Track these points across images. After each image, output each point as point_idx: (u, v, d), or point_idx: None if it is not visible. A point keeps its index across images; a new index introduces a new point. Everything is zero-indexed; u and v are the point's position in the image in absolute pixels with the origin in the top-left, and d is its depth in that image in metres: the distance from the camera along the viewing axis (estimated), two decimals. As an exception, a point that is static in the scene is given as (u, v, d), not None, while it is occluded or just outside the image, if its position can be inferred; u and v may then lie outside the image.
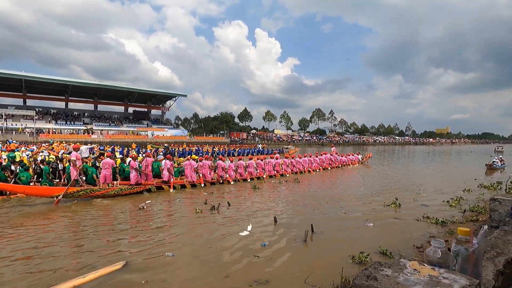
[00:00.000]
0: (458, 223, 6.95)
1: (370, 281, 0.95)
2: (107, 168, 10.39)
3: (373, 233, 6.33)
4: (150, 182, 11.11)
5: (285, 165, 15.95)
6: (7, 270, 4.39)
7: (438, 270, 1.05)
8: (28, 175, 10.11)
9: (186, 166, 12.03)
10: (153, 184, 10.94)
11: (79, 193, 9.09)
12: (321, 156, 19.31)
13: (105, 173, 10.32)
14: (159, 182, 11.30)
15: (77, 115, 58.34)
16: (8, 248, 5.20)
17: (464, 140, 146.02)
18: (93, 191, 9.35)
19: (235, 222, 6.94)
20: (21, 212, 7.81)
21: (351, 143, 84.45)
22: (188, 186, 11.65)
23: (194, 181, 11.90)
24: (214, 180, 12.69)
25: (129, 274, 4.24)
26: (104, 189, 9.71)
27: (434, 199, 9.97)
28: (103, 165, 10.49)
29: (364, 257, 4.76)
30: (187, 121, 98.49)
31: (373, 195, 10.51)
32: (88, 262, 4.64)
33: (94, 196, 9.35)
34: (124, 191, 9.95)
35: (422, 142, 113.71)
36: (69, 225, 6.85)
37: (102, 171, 10.41)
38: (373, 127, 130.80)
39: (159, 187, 10.92)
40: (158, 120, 67.04)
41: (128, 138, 48.88)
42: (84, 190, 9.22)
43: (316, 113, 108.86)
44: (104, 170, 10.36)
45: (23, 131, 42.88)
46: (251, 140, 68.88)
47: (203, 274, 4.32)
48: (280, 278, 4.23)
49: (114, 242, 5.60)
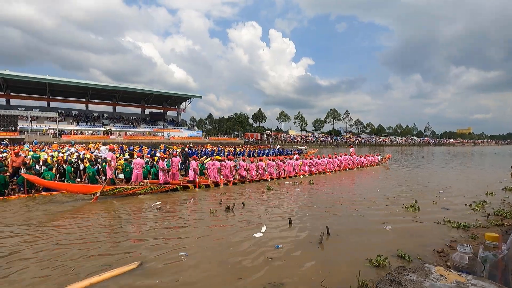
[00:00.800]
0: (482, 228, 6.66)
1: (394, 285, 0.93)
2: (138, 168, 10.93)
3: (391, 236, 6.16)
4: (177, 182, 11.53)
5: (304, 166, 16.11)
6: (33, 266, 4.59)
7: (465, 277, 1.02)
8: (52, 175, 10.54)
9: (209, 166, 12.40)
10: (179, 184, 11.39)
11: (114, 191, 9.68)
12: (340, 157, 19.28)
13: (137, 172, 10.87)
14: (185, 182, 11.74)
15: (96, 116, 60.37)
16: (35, 247, 5.44)
17: (487, 141, 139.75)
18: (126, 190, 9.95)
19: (249, 223, 6.94)
20: (62, 209, 8.19)
21: (367, 144, 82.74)
22: (212, 186, 11.98)
23: (218, 181, 12.24)
24: (236, 180, 12.94)
25: (143, 274, 4.30)
26: (136, 187, 10.24)
27: (456, 202, 9.60)
28: (135, 164, 11.03)
29: (382, 261, 4.65)
30: (202, 122, 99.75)
31: (391, 197, 10.25)
32: (106, 261, 4.74)
33: (127, 194, 9.90)
34: (154, 189, 10.45)
35: (442, 143, 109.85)
36: (94, 224, 7.08)
37: (134, 170, 10.96)
38: (390, 128, 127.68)
39: (185, 186, 11.35)
40: (174, 121, 68.27)
41: (145, 139, 50.06)
42: (118, 188, 9.84)
43: (331, 114, 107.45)
44: (136, 169, 10.91)
45: (47, 132, 44.81)
46: (265, 141, 68.85)
47: (216, 275, 4.33)
48: (295, 280, 4.18)
49: (130, 242, 5.71)
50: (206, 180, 12.34)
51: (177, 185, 11.19)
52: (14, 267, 4.50)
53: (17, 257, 4.88)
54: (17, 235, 5.97)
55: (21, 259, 4.82)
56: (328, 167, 17.61)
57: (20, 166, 10.46)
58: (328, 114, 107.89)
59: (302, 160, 16.57)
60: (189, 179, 11.82)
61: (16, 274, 4.30)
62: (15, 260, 4.77)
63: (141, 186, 10.54)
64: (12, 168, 10.69)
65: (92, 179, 11.09)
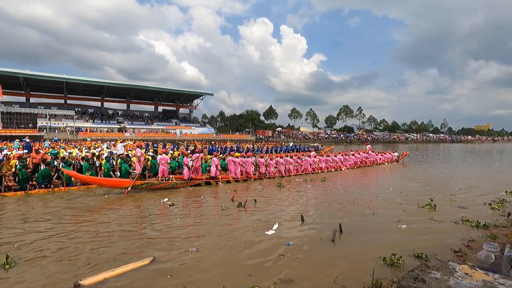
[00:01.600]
0: (502, 227, 6.44)
1: (417, 283, 0.91)
2: (163, 164, 11.34)
3: (406, 235, 6.04)
4: (200, 177, 11.91)
5: (321, 163, 16.37)
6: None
7: (492, 276, 0.98)
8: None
9: (230, 163, 12.73)
10: (202, 179, 11.73)
11: (143, 185, 10.20)
12: (358, 154, 19.31)
13: (163, 168, 11.31)
14: (208, 178, 12.08)
15: (111, 114, 61.71)
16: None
17: (508, 138, 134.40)
18: (153, 185, 10.42)
19: (260, 221, 6.94)
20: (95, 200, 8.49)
21: (380, 141, 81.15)
22: (232, 181, 12.32)
23: (238, 177, 12.57)
24: (255, 176, 13.21)
25: (156, 269, 4.36)
26: (162, 182, 10.73)
27: (474, 201, 9.31)
28: (160, 161, 11.44)
29: (397, 259, 4.56)
30: (213, 119, 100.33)
31: (406, 196, 10.04)
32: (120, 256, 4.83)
33: (154, 189, 10.34)
34: (179, 185, 10.89)
35: (459, 139, 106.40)
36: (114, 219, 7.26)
37: (160, 166, 11.36)
38: (404, 124, 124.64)
39: (207, 182, 11.67)
40: (186, 119, 69.01)
41: (158, 136, 50.85)
42: (146, 183, 10.33)
43: (343, 110, 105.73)
44: (161, 165, 11.32)
45: (65, 129, 46.20)
46: (276, 138, 68.63)
47: (227, 271, 4.35)
48: (306, 277, 4.17)
49: (143, 238, 5.79)
50: (227, 176, 12.67)
51: (200, 180, 11.56)
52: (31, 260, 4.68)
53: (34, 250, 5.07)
54: (40, 232, 6.21)
55: (38, 255, 5.01)
56: (344, 164, 17.69)
57: (40, 162, 10.83)
58: (340, 111, 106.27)
59: (319, 157, 16.75)
60: (211, 175, 12.12)
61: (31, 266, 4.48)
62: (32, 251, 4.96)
63: (167, 181, 10.97)
64: (32, 165, 11.10)
65: (107, 175, 11.35)
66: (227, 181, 12.25)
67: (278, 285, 3.90)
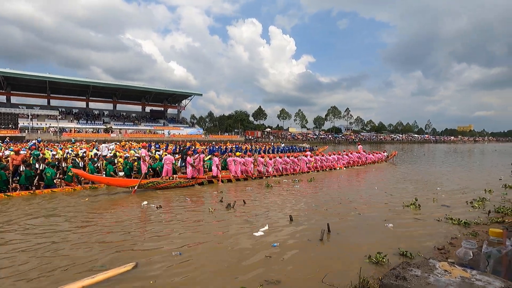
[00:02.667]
0: (483, 225, 6.66)
1: (399, 281, 0.92)
2: (168, 164, 11.76)
3: (391, 234, 6.16)
4: (202, 176, 12.13)
5: (316, 162, 16.96)
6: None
7: (470, 272, 1.01)
8: (53, 172, 10.57)
9: (230, 162, 13.15)
10: (205, 178, 11.97)
11: (148, 184, 10.40)
12: (350, 154, 20.07)
13: (167, 168, 11.69)
14: (210, 177, 12.31)
15: (97, 114, 60.36)
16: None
17: (488, 138, 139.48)
18: (159, 183, 10.66)
19: (248, 221, 6.92)
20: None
21: (367, 142, 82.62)
22: (233, 180, 12.68)
23: (239, 176, 12.96)
24: (255, 175, 13.61)
25: (138, 275, 4.23)
26: (167, 181, 11.00)
27: (456, 199, 9.59)
28: (165, 160, 11.88)
29: (381, 258, 4.65)
30: (202, 120, 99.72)
31: (391, 195, 10.25)
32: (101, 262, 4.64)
33: (159, 187, 10.56)
34: (183, 183, 11.16)
35: (442, 140, 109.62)
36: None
37: (164, 166, 11.76)
38: (390, 125, 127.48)
39: (210, 181, 11.98)
40: (174, 119, 68.26)
41: (146, 136, 50.07)
42: (152, 182, 10.56)
43: (331, 111, 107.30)
44: (166, 165, 11.72)
45: (48, 130, 44.85)
46: (265, 139, 68.80)
47: (212, 274, 4.29)
48: (293, 278, 4.19)
49: (126, 242, 5.57)
50: (228, 175, 12.94)
51: (203, 179, 11.83)
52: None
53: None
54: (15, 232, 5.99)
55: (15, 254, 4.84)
56: (338, 163, 18.42)
57: (20, 164, 10.47)
58: (328, 112, 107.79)
59: (314, 157, 17.30)
60: (213, 175, 12.43)
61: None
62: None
63: (171, 180, 11.23)
64: (13, 166, 10.71)
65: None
66: (228, 180, 12.55)
67: (264, 287, 3.89)
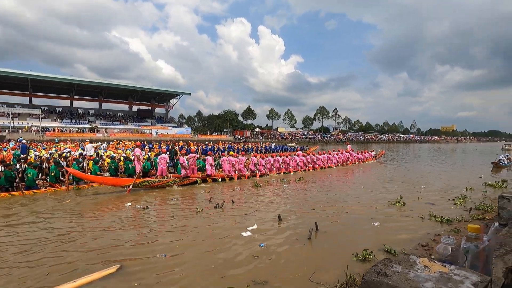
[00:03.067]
0: (464, 222, 6.88)
1: (380, 277, 0.94)
2: (163, 163, 11.79)
3: (377, 231, 6.29)
4: (196, 175, 12.34)
5: (307, 162, 17.28)
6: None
7: (448, 267, 1.04)
8: (34, 173, 10.24)
9: (224, 162, 13.31)
10: (199, 177, 12.14)
11: (143, 183, 10.49)
12: (340, 154, 20.41)
13: (162, 167, 11.72)
14: (204, 176, 12.50)
15: (82, 113, 58.79)
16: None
17: (470, 138, 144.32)
18: (153, 182, 10.79)
19: (236, 221, 6.91)
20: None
21: (355, 141, 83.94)
22: (227, 179, 12.87)
23: (232, 175, 13.17)
24: (248, 174, 13.80)
25: (122, 277, 4.14)
26: (161, 180, 11.05)
27: (439, 197, 9.88)
28: (160, 160, 11.90)
29: (368, 255, 4.75)
30: (191, 119, 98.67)
31: (376, 193, 10.45)
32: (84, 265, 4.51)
33: (154, 186, 10.67)
34: (177, 182, 11.25)
35: (427, 140, 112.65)
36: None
37: (159, 165, 11.80)
38: (377, 125, 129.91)
39: (204, 180, 12.11)
40: (162, 119, 67.32)
41: (133, 136, 49.14)
42: (146, 181, 10.67)
43: (320, 111, 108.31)
44: (161, 164, 11.75)
45: (29, 129, 43.35)
46: (254, 138, 68.82)
47: (198, 276, 4.23)
48: (281, 276, 4.21)
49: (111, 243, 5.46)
50: (222, 174, 13.18)
51: (197, 178, 11.99)
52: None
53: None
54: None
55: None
56: (328, 162, 18.72)
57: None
58: (317, 112, 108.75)
59: (306, 157, 17.58)
60: (207, 174, 12.60)
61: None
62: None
63: (166, 179, 11.25)
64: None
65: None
66: (222, 178, 12.74)
67: (251, 287, 3.88)
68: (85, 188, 10.64)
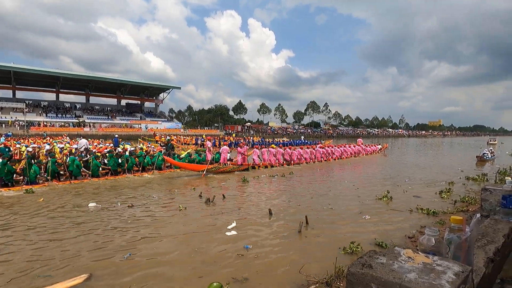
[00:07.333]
0: (449, 214, 7.08)
1: (365, 269, 0.95)
2: (225, 153, 14.42)
3: (366, 225, 6.40)
4: (246, 164, 14.67)
5: (327, 153, 19.75)
6: None
7: (431, 258, 1.06)
8: (36, 168, 10.24)
9: (265, 153, 15.82)
10: (249, 165, 14.64)
11: (212, 169, 13.17)
12: (353, 147, 22.88)
13: (224, 156, 14.33)
14: (252, 164, 14.98)
15: (68, 107, 57.35)
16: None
17: (456, 133, 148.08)
18: (219, 168, 13.53)
19: (226, 214, 6.89)
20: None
21: (345, 136, 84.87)
22: (269, 167, 15.31)
23: (273, 163, 15.76)
24: (285, 164, 16.44)
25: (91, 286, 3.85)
26: (223, 167, 13.76)
27: (426, 190, 10.12)
28: (222, 150, 14.65)
29: (355, 247, 4.84)
30: (181, 114, 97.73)
31: (364, 188, 10.62)
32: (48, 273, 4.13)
33: (219, 172, 13.35)
34: (235, 169, 14.05)
35: (415, 134, 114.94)
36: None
37: (222, 154, 14.45)
38: (367, 120, 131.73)
39: (253, 167, 14.75)
40: (152, 113, 66.34)
41: (121, 131, 48.30)
42: (215, 167, 13.46)
43: (310, 106, 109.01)
44: (223, 154, 14.41)
45: (13, 124, 42.03)
46: (245, 133, 68.71)
47: (175, 276, 4.12)
48: (271, 269, 4.24)
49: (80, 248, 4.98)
50: (264, 162, 15.62)
51: (248, 166, 14.51)
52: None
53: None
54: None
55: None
56: (344, 154, 21.22)
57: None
58: (308, 106, 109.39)
59: (325, 149, 20.02)
60: (254, 163, 15.16)
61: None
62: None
63: (226, 166, 13.90)
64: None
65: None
66: (265, 166, 15.21)
67: (231, 285, 3.79)
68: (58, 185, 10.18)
